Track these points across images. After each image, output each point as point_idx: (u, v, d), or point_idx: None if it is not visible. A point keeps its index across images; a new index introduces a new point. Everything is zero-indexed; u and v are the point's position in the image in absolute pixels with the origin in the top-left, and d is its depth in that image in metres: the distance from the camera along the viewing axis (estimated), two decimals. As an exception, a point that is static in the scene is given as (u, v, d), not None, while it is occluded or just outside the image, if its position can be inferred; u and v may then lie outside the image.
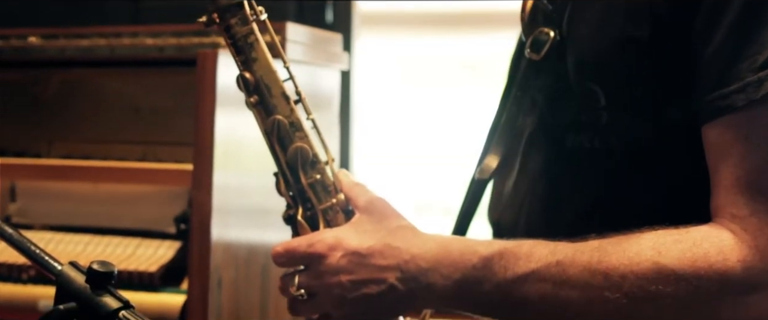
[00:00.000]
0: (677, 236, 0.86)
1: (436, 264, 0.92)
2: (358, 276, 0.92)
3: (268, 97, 0.99)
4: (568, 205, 0.96)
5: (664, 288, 0.85)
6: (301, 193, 1.00)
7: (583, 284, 0.87)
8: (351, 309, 0.94)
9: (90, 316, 0.86)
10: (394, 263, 0.92)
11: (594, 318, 0.88)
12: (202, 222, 1.55)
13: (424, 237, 0.94)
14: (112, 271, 0.87)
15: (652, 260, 0.85)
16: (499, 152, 1.06)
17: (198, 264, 1.55)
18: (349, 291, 0.92)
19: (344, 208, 0.99)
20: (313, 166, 1.00)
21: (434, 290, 0.92)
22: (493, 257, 0.91)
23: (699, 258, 0.84)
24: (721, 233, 0.85)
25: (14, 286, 1.66)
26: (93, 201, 1.73)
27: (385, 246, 0.93)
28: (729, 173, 0.85)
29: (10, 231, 0.94)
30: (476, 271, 0.91)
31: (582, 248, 0.88)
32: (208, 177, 1.55)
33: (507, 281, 0.90)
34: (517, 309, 0.91)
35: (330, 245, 0.94)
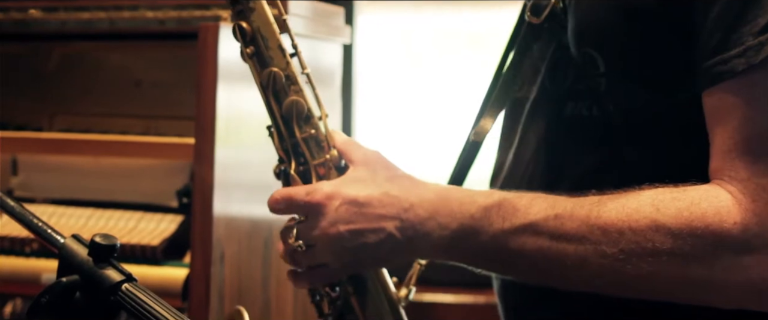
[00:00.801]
0: (676, 195, 0.86)
1: (435, 212, 0.91)
2: (356, 225, 0.92)
3: (265, 49, 0.98)
4: (567, 174, 0.96)
5: (660, 245, 0.85)
6: (294, 147, 0.99)
7: (580, 238, 0.87)
8: (349, 258, 0.93)
9: (93, 289, 0.86)
10: (393, 212, 0.92)
11: (590, 271, 0.88)
12: (205, 196, 1.55)
13: (423, 186, 0.94)
14: (115, 244, 0.88)
15: (650, 217, 0.85)
16: (494, 115, 1.06)
17: (200, 237, 1.55)
18: (348, 241, 0.92)
19: (337, 164, 0.99)
20: (308, 121, 0.99)
21: (431, 239, 0.91)
22: (492, 207, 0.90)
23: (696, 217, 0.84)
24: (719, 193, 0.85)
25: (17, 259, 1.67)
26: (95, 175, 1.73)
27: (384, 194, 0.93)
28: (728, 137, 0.86)
29: (13, 204, 0.94)
30: (474, 221, 0.90)
31: (581, 202, 0.88)
32: (210, 151, 1.55)
33: (504, 231, 0.89)
34: (513, 261, 0.91)
35: (328, 194, 0.93)
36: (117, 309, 0.86)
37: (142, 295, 0.85)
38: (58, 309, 0.86)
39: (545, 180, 0.98)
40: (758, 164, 0.84)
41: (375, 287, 1.00)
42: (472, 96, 2.04)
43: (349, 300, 1.00)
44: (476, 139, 1.07)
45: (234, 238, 1.62)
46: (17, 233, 1.67)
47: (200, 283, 1.55)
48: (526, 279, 0.95)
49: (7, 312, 1.68)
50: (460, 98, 2.09)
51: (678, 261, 0.85)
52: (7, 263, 1.67)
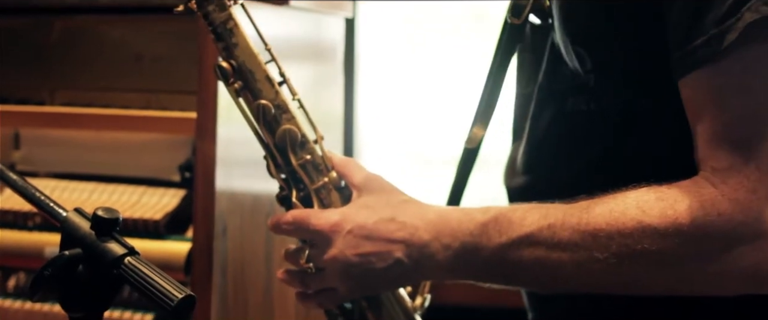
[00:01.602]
0: (660, 194, 0.86)
1: (438, 233, 0.93)
2: (364, 250, 0.94)
3: (252, 82, 0.99)
4: (569, 168, 0.97)
5: (649, 246, 0.85)
6: (292, 175, 1.00)
7: (573, 246, 0.88)
8: (358, 283, 0.95)
9: (95, 262, 0.86)
10: (400, 237, 0.93)
11: (587, 276, 0.89)
12: (207, 170, 1.55)
13: (425, 209, 0.96)
14: (117, 218, 0.88)
15: (636, 219, 0.86)
16: (486, 122, 1.08)
17: (202, 211, 1.56)
18: (356, 267, 0.94)
19: (337, 185, 1.00)
20: (303, 147, 1.00)
21: (436, 260, 0.93)
22: (489, 222, 0.92)
23: (681, 214, 0.85)
24: (702, 188, 0.85)
25: (20, 233, 1.67)
26: (97, 149, 1.73)
27: (390, 220, 0.94)
28: (706, 128, 0.86)
29: (15, 178, 0.94)
30: (473, 238, 0.92)
31: (571, 210, 0.89)
32: (212, 125, 1.55)
33: (502, 246, 0.91)
34: (515, 273, 0.92)
35: (336, 221, 0.95)
36: (120, 283, 0.87)
37: (144, 268, 0.86)
38: (61, 282, 0.86)
39: (549, 174, 0.99)
40: (737, 152, 0.84)
41: (389, 299, 1.01)
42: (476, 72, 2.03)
43: (365, 314, 1.01)
44: (470, 146, 1.09)
45: (236, 212, 1.62)
46: (20, 207, 1.68)
47: (203, 257, 1.56)
48: (529, 288, 0.97)
49: (11, 286, 1.69)
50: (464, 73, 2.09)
51: (669, 259, 0.85)
52: (10, 237, 1.67)
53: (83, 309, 0.88)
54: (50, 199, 0.93)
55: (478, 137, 1.08)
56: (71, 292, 0.87)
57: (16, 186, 0.93)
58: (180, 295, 0.84)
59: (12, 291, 1.68)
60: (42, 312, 1.63)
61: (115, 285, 0.87)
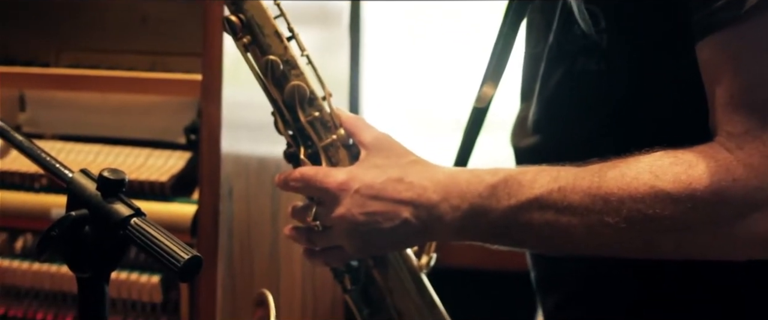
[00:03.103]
0: (674, 159, 0.86)
1: (446, 195, 0.93)
2: (371, 210, 0.93)
3: (261, 36, 0.98)
4: (579, 128, 0.96)
5: (661, 211, 0.85)
6: (300, 132, 1.00)
7: (583, 210, 0.88)
8: (365, 243, 0.95)
9: (101, 223, 0.87)
10: (408, 197, 0.93)
11: (596, 242, 0.89)
12: (212, 132, 1.55)
13: (434, 170, 0.95)
14: (123, 179, 0.88)
15: (649, 184, 0.85)
16: (496, 81, 1.07)
17: (208, 173, 1.56)
18: (364, 226, 0.94)
19: (345, 143, 0.99)
20: (312, 103, 1.00)
21: (445, 221, 0.93)
22: (498, 184, 0.91)
23: (695, 179, 0.84)
24: (717, 153, 0.85)
25: (27, 195, 1.68)
26: (102, 111, 1.73)
27: (399, 180, 0.94)
28: (723, 92, 0.85)
29: (21, 139, 0.94)
30: (482, 199, 0.91)
31: (582, 173, 0.89)
32: (217, 87, 1.54)
33: (511, 208, 0.90)
34: (523, 236, 0.92)
35: (344, 180, 0.95)
36: (126, 243, 0.87)
37: (151, 229, 0.86)
38: (68, 242, 0.86)
39: (558, 134, 0.99)
40: (753, 118, 0.84)
41: (395, 258, 1.01)
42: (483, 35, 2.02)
43: (371, 272, 1.01)
44: (479, 105, 1.08)
45: (242, 174, 1.62)
46: (26, 169, 1.68)
47: (209, 219, 1.56)
48: (537, 250, 0.97)
49: (18, 247, 1.70)
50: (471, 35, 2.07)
51: (681, 224, 0.85)
52: (16, 198, 1.68)
53: (90, 270, 0.88)
54: (56, 160, 0.93)
55: (488, 96, 1.08)
56: (78, 253, 0.88)
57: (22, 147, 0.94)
58: (186, 256, 0.85)
59: (19, 253, 1.69)
60: (49, 273, 1.64)
61: (121, 246, 0.88)
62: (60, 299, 1.65)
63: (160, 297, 1.59)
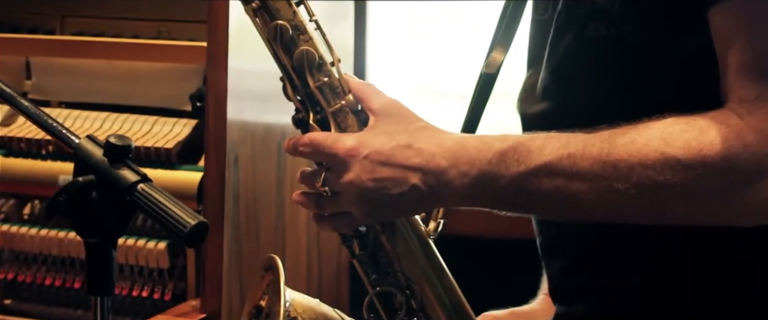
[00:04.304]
0: (684, 125, 0.86)
1: (455, 161, 0.93)
2: (380, 176, 0.93)
3: (270, 1, 0.98)
4: (588, 95, 0.96)
5: (671, 178, 0.85)
6: (309, 97, 1.00)
7: (593, 176, 0.88)
8: (373, 208, 0.95)
9: (109, 189, 0.87)
10: (417, 163, 0.93)
11: (605, 209, 0.89)
12: (218, 100, 1.55)
13: (442, 136, 0.95)
14: (130, 145, 0.88)
15: (660, 150, 0.85)
16: (505, 46, 1.06)
17: (214, 140, 1.56)
18: (373, 191, 0.94)
19: (353, 109, 0.99)
20: (320, 69, 0.99)
21: (453, 188, 0.93)
22: (507, 151, 0.91)
23: (705, 146, 0.84)
24: (728, 119, 0.84)
25: (34, 162, 1.68)
26: (108, 78, 1.73)
27: (407, 146, 0.94)
28: (735, 58, 0.85)
29: (28, 105, 0.94)
30: (491, 166, 0.91)
31: (592, 139, 0.89)
32: (223, 54, 1.54)
33: (520, 174, 0.90)
34: (531, 202, 0.92)
35: (354, 146, 0.95)
36: (133, 209, 0.87)
37: (157, 195, 0.86)
38: (75, 208, 0.87)
39: (565, 101, 0.98)
40: (765, 83, 0.83)
41: (403, 223, 1.01)
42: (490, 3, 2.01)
43: (379, 238, 1.01)
44: (488, 71, 1.08)
45: (247, 142, 1.63)
46: (33, 135, 1.69)
47: (215, 186, 1.57)
48: (545, 217, 0.97)
49: (26, 213, 1.71)
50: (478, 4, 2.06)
51: (691, 191, 0.85)
52: (24, 165, 1.68)
53: (98, 235, 0.89)
54: (63, 126, 0.93)
55: (497, 61, 1.07)
56: (85, 218, 0.88)
57: (29, 113, 0.94)
58: (193, 221, 0.85)
59: (27, 219, 1.70)
60: (57, 238, 1.65)
61: (128, 212, 0.88)
62: (68, 264, 1.67)
63: (167, 263, 1.60)
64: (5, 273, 1.70)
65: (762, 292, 0.93)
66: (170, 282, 1.62)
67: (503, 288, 1.18)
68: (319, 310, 1.06)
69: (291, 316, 1.02)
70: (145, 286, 1.62)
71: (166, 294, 1.62)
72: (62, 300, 1.67)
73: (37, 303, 1.69)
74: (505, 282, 1.19)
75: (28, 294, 1.69)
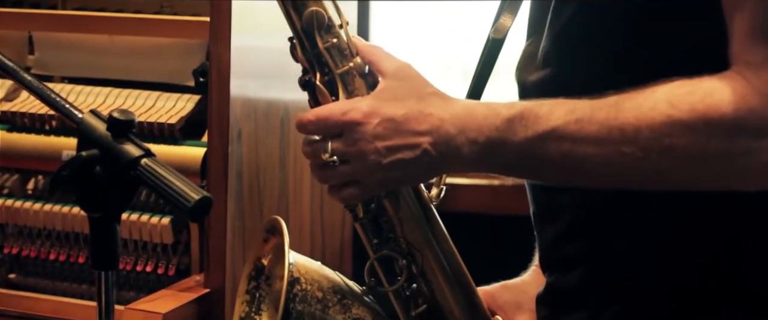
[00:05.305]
0: (690, 88, 0.86)
1: (464, 127, 0.93)
2: (393, 142, 0.93)
3: None
4: (591, 62, 0.96)
5: (678, 140, 0.85)
6: (318, 57, 0.99)
7: (600, 140, 0.88)
8: (384, 175, 0.95)
9: (112, 164, 0.87)
10: (427, 128, 0.93)
11: (612, 173, 0.90)
12: (221, 75, 1.55)
13: (452, 102, 0.95)
14: (133, 119, 0.88)
15: (666, 113, 0.86)
16: (513, 11, 1.06)
17: (217, 116, 1.56)
18: (384, 157, 0.94)
19: (361, 71, 0.99)
20: (329, 30, 0.99)
21: (462, 154, 0.93)
22: (515, 117, 0.92)
23: (711, 109, 0.85)
24: (734, 81, 0.85)
25: (37, 137, 1.68)
26: (111, 53, 1.72)
27: (419, 112, 0.94)
28: (744, 21, 0.85)
29: (31, 79, 0.94)
30: (499, 133, 0.92)
31: (599, 104, 0.89)
32: (226, 29, 1.54)
33: (528, 140, 0.91)
34: (539, 167, 0.93)
35: (365, 112, 0.94)
36: (136, 183, 0.88)
37: (161, 170, 0.87)
38: (79, 182, 0.87)
39: (566, 68, 0.98)
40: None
41: (406, 188, 1.01)
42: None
43: (382, 202, 1.01)
44: (496, 36, 1.08)
45: (250, 117, 1.63)
46: (37, 110, 1.69)
47: (218, 161, 1.57)
48: (553, 181, 0.97)
49: (30, 188, 1.71)
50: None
51: (696, 153, 0.86)
52: (28, 140, 1.69)
53: (101, 210, 0.90)
54: (66, 101, 0.93)
55: (505, 27, 1.07)
56: (89, 193, 0.89)
57: (32, 88, 0.94)
58: (197, 196, 0.86)
59: (31, 194, 1.70)
60: (61, 213, 1.66)
61: (132, 186, 0.88)
62: (72, 239, 1.67)
63: (171, 238, 1.61)
64: (9, 247, 1.70)
65: (760, 264, 0.93)
66: (174, 257, 1.63)
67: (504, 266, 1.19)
68: (322, 272, 1.06)
69: (294, 276, 1.02)
70: (148, 261, 1.63)
71: (169, 269, 1.62)
72: (67, 275, 1.68)
73: (41, 278, 1.70)
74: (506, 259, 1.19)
75: (33, 268, 1.70)
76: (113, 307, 0.93)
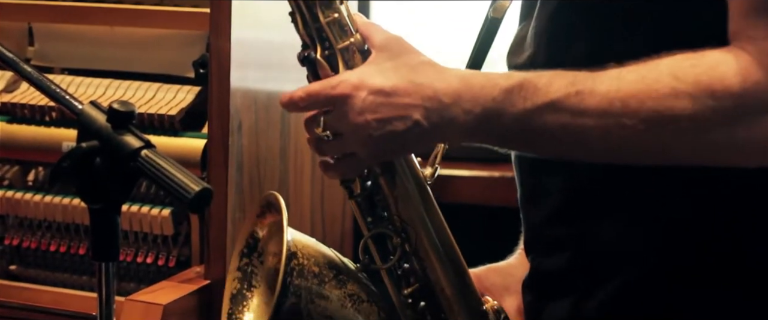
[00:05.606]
0: (694, 61, 0.86)
1: (458, 98, 0.92)
2: (383, 113, 0.93)
3: None
4: (570, 52, 0.95)
5: (681, 112, 0.85)
6: (319, 32, 0.99)
7: (601, 112, 0.87)
8: (376, 147, 0.95)
9: (112, 155, 0.87)
10: (419, 99, 0.92)
11: (613, 144, 0.89)
12: (221, 66, 1.55)
13: (446, 72, 0.94)
14: (133, 111, 0.88)
15: (669, 85, 0.85)
16: None
17: (218, 107, 1.56)
18: (375, 129, 0.93)
19: (361, 48, 0.99)
20: (330, 5, 0.99)
21: (456, 124, 0.92)
22: (513, 88, 0.91)
23: (715, 81, 0.84)
24: (737, 55, 0.85)
25: (37, 128, 1.68)
26: (111, 45, 1.72)
27: (409, 82, 0.93)
28: None
29: (31, 70, 0.94)
30: (496, 104, 0.91)
31: (600, 76, 0.88)
32: (226, 21, 1.54)
33: (526, 111, 0.90)
34: (537, 139, 0.92)
35: (354, 85, 0.94)
36: (137, 175, 0.88)
37: (161, 161, 0.87)
38: (79, 173, 0.87)
39: (550, 57, 0.98)
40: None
41: (402, 167, 1.01)
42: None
43: (378, 180, 1.01)
44: (495, 15, 1.07)
45: (251, 109, 1.63)
46: (37, 101, 1.69)
47: (218, 153, 1.57)
48: (550, 155, 0.96)
49: (30, 180, 1.71)
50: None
51: (699, 125, 0.85)
52: (28, 131, 1.68)
53: (102, 201, 0.90)
54: (66, 92, 0.93)
55: (504, 7, 1.07)
56: (89, 184, 0.89)
57: (32, 79, 0.94)
58: (197, 188, 0.86)
59: (31, 185, 1.70)
60: (61, 204, 1.66)
61: (132, 177, 0.88)
62: (73, 230, 1.67)
63: (171, 229, 1.61)
64: (10, 239, 1.70)
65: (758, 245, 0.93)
66: (174, 248, 1.63)
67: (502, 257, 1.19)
68: (318, 248, 1.07)
69: (291, 251, 1.03)
70: (149, 252, 1.63)
71: (170, 261, 1.62)
72: (67, 266, 1.68)
73: (42, 269, 1.70)
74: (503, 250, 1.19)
75: (33, 259, 1.70)
76: (114, 298, 0.93)
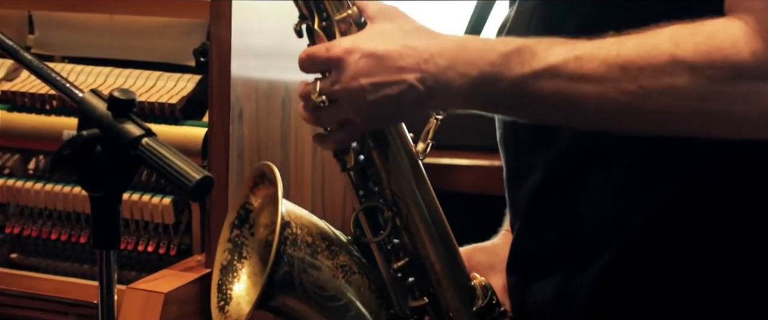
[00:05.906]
0: (693, 30, 0.86)
1: (454, 62, 0.91)
2: (377, 77, 0.92)
3: None
4: (562, 30, 0.95)
5: (679, 78, 0.85)
6: (317, 3, 0.99)
7: (600, 77, 0.87)
8: (371, 112, 0.95)
9: (113, 143, 0.87)
10: (413, 63, 0.92)
11: (610, 109, 0.89)
12: (222, 55, 1.55)
13: (441, 37, 0.94)
14: (133, 99, 0.88)
15: (669, 52, 0.85)
16: None
17: (218, 96, 1.56)
18: (369, 94, 0.93)
19: (357, 21, 0.99)
20: None
21: (452, 88, 0.92)
22: (511, 53, 0.90)
23: (713, 50, 0.85)
24: (736, 25, 0.85)
25: (38, 116, 1.68)
26: (111, 33, 1.72)
27: (403, 46, 0.93)
28: None
29: (31, 58, 0.94)
30: (494, 68, 0.90)
31: (600, 43, 0.88)
32: (226, 9, 1.53)
33: (524, 76, 0.90)
34: (534, 105, 0.91)
35: (347, 48, 0.94)
36: (138, 163, 0.88)
37: (162, 149, 0.87)
38: (80, 162, 0.87)
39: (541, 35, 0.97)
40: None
41: (395, 141, 1.02)
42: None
43: (371, 153, 1.01)
44: None
45: (251, 97, 1.62)
46: (37, 90, 1.68)
47: (219, 141, 1.57)
48: (546, 121, 0.95)
49: (31, 168, 1.71)
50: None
51: (697, 93, 0.86)
52: (28, 119, 1.68)
53: (102, 189, 0.90)
54: (67, 80, 0.93)
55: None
56: (90, 172, 0.89)
57: (32, 67, 0.94)
58: (198, 176, 0.86)
59: (32, 174, 1.70)
60: (62, 193, 1.66)
61: (133, 166, 0.88)
62: (74, 218, 1.67)
63: (172, 218, 1.61)
64: (11, 227, 1.71)
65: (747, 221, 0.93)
66: (175, 236, 1.63)
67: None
68: (311, 219, 1.07)
69: (285, 220, 1.03)
70: (150, 241, 1.63)
71: (171, 249, 1.62)
72: (68, 255, 1.68)
73: (43, 258, 1.70)
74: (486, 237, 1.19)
75: (34, 248, 1.70)
76: (114, 287, 0.93)
